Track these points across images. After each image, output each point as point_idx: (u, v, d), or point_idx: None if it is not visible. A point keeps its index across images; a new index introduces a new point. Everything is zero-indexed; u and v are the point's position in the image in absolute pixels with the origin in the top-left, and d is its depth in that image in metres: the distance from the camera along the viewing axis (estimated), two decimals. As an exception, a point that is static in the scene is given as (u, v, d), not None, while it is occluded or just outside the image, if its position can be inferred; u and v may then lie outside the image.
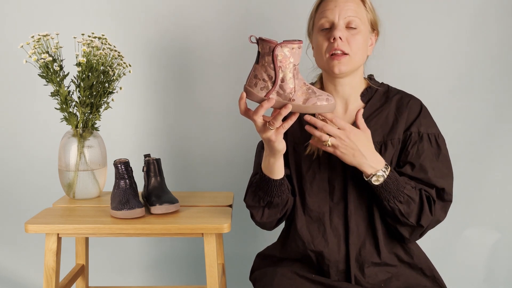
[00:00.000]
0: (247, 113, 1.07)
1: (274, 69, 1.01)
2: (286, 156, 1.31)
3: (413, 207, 1.18)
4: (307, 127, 1.14)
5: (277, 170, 1.18)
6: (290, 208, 1.29)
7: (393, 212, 1.18)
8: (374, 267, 1.24)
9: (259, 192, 1.22)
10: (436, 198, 1.21)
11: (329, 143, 1.13)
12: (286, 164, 1.30)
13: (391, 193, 1.16)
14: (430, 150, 1.24)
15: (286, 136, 1.31)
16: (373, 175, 1.15)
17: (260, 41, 1.02)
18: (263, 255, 1.39)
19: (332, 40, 1.19)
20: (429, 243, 1.34)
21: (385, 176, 1.16)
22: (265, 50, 1.01)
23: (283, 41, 1.00)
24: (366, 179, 1.17)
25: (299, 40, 1.01)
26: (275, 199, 1.21)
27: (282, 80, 1.02)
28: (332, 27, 1.21)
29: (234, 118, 1.96)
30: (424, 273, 1.27)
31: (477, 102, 1.89)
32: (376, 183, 1.16)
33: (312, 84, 1.33)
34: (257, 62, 1.04)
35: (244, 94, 1.06)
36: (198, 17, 1.91)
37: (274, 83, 1.02)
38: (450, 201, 1.23)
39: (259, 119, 1.06)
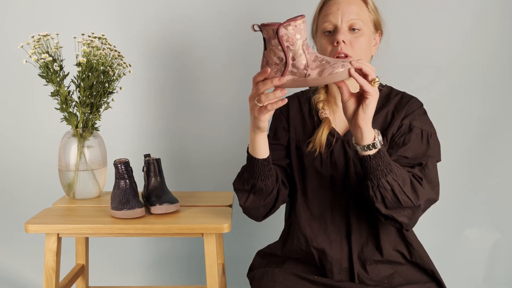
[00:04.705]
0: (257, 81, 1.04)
1: (283, 50, 1.00)
2: (288, 152, 1.32)
3: (407, 182, 1.11)
4: (354, 75, 1.01)
5: (258, 148, 1.16)
6: (281, 201, 1.29)
7: (392, 190, 1.08)
8: (377, 265, 1.25)
9: (245, 174, 1.22)
10: (421, 175, 1.15)
11: (377, 81, 1.02)
12: (288, 157, 1.32)
13: (385, 165, 1.07)
14: (418, 144, 1.20)
15: (289, 133, 1.33)
16: (376, 140, 1.07)
17: (263, 27, 1.01)
18: (264, 253, 1.40)
19: (335, 44, 1.19)
20: (429, 243, 1.34)
21: (382, 142, 1.08)
22: (270, 34, 1.00)
23: (286, 20, 0.98)
24: (368, 147, 1.06)
25: (301, 15, 0.99)
26: (259, 183, 1.20)
27: (293, 59, 1.00)
28: (335, 30, 1.21)
29: (235, 118, 1.96)
30: (423, 268, 1.27)
31: (477, 102, 1.89)
32: (378, 147, 1.06)
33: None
34: (265, 48, 1.03)
35: (269, 69, 1.02)
36: (198, 17, 1.91)
37: (286, 64, 1.01)
38: (437, 183, 1.18)
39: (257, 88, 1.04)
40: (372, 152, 1.07)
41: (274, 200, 1.27)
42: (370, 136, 1.06)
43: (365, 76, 1.02)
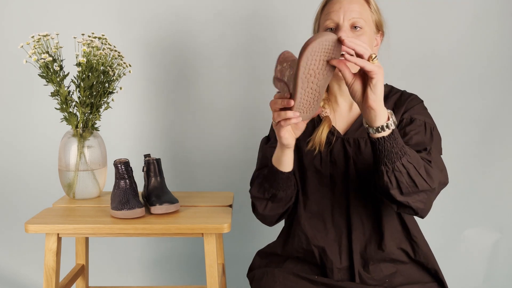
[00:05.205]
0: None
1: (284, 83, 1.06)
2: None
3: (421, 164, 1.09)
4: (351, 59, 0.99)
5: (284, 162, 1.18)
6: (292, 206, 1.30)
7: (408, 173, 1.06)
8: (379, 263, 1.24)
9: (265, 184, 1.23)
10: (430, 158, 1.14)
11: (375, 56, 0.99)
12: None
13: (399, 147, 1.04)
14: (421, 134, 1.19)
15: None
16: (390, 120, 1.03)
17: (275, 83, 1.10)
18: (264, 253, 1.39)
19: None
20: (429, 243, 1.34)
21: (396, 122, 1.05)
22: (280, 86, 1.08)
23: (274, 73, 1.09)
24: (382, 128, 1.02)
25: (279, 55, 1.08)
26: (280, 193, 1.22)
27: (287, 81, 1.07)
28: (336, 28, 1.21)
29: (234, 118, 1.96)
30: (427, 268, 1.27)
31: (477, 102, 1.89)
32: (392, 128, 1.04)
33: None
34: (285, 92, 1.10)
35: (292, 102, 1.03)
36: (198, 17, 1.91)
37: (288, 90, 1.06)
38: (444, 167, 1.18)
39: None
40: (386, 133, 1.03)
41: (288, 207, 1.28)
42: (383, 117, 1.02)
43: (360, 57, 0.99)
